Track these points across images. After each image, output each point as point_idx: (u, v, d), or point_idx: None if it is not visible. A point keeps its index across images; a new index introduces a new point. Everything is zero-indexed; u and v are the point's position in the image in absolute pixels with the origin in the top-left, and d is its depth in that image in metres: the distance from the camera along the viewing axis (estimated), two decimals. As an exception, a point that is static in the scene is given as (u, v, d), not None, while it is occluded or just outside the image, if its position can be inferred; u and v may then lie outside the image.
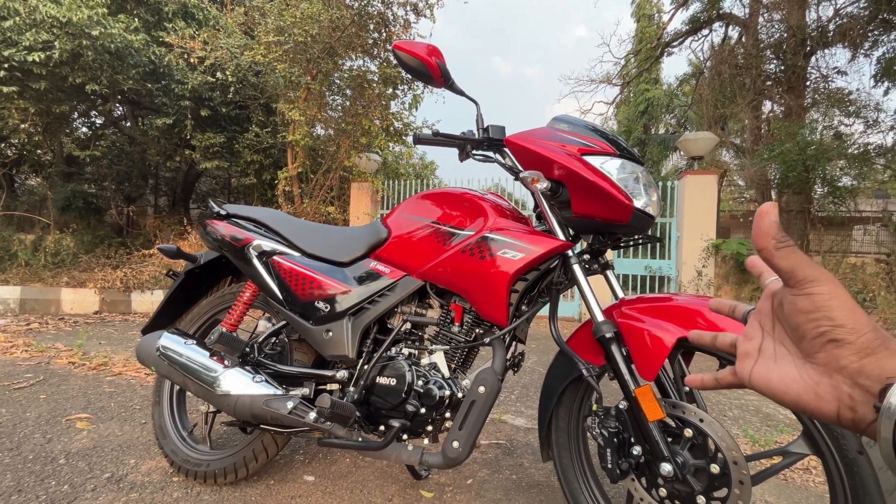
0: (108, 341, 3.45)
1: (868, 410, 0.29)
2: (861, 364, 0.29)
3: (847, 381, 0.29)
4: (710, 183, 5.18)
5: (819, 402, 0.31)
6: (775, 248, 0.31)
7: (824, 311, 0.30)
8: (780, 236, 0.32)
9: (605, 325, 0.99)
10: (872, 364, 0.28)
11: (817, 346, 0.30)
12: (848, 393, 0.29)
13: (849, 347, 0.29)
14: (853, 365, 0.29)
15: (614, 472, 0.95)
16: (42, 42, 4.90)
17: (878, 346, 0.28)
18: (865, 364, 0.28)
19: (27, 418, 1.84)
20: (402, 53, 1.11)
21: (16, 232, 6.38)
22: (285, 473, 1.48)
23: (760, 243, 0.32)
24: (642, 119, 14.02)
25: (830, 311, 0.30)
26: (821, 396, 0.30)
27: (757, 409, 2.33)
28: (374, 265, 1.25)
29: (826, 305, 0.30)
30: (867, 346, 0.29)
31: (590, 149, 1.03)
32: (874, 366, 0.28)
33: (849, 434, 0.76)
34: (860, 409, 0.29)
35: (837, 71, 8.16)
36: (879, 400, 0.28)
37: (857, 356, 0.29)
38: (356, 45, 5.83)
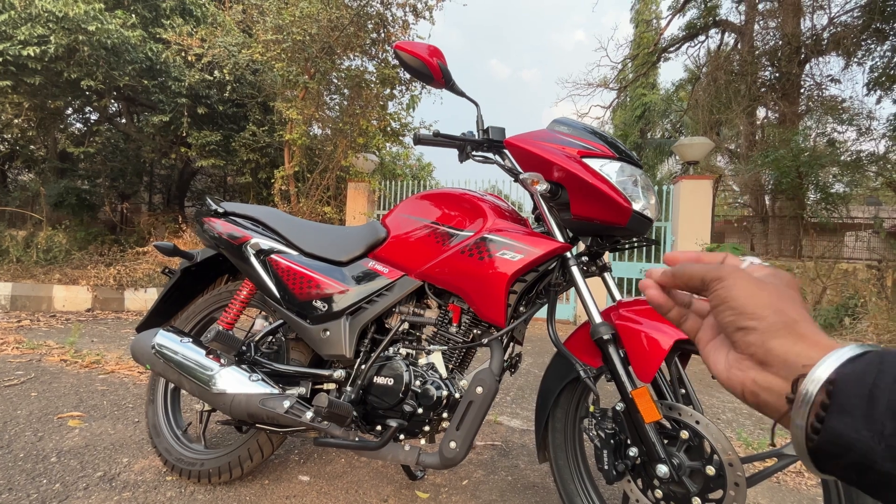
0: (101, 339, 3.41)
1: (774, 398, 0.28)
2: (766, 349, 0.28)
3: (755, 366, 0.29)
4: (704, 187, 5.22)
5: (730, 384, 0.31)
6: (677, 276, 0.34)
7: (727, 303, 0.30)
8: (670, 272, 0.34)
9: (603, 326, 1.00)
10: (777, 348, 0.28)
11: (731, 335, 0.31)
12: (753, 378, 0.29)
13: (754, 333, 0.29)
14: (759, 350, 0.29)
15: (611, 473, 0.95)
16: (37, 36, 4.86)
17: (780, 329, 0.28)
18: (770, 348, 0.28)
19: (18, 416, 1.82)
20: (404, 54, 1.11)
21: (7, 228, 6.31)
22: (280, 473, 1.47)
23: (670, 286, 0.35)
24: (639, 123, 14.10)
25: (732, 301, 0.30)
26: (731, 380, 0.31)
27: (750, 412, 2.35)
28: (373, 265, 1.25)
29: (727, 296, 0.30)
30: (770, 329, 0.28)
31: (589, 151, 1.04)
32: (779, 350, 0.28)
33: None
34: (763, 394, 0.29)
35: (831, 79, 8.27)
36: (791, 391, 0.27)
37: (761, 339, 0.29)
38: (355, 45, 5.83)
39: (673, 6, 9.75)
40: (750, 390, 0.30)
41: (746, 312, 0.30)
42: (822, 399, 0.25)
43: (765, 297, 0.30)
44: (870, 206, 9.93)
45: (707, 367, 0.34)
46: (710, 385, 2.85)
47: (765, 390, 0.29)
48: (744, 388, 0.30)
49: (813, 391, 0.25)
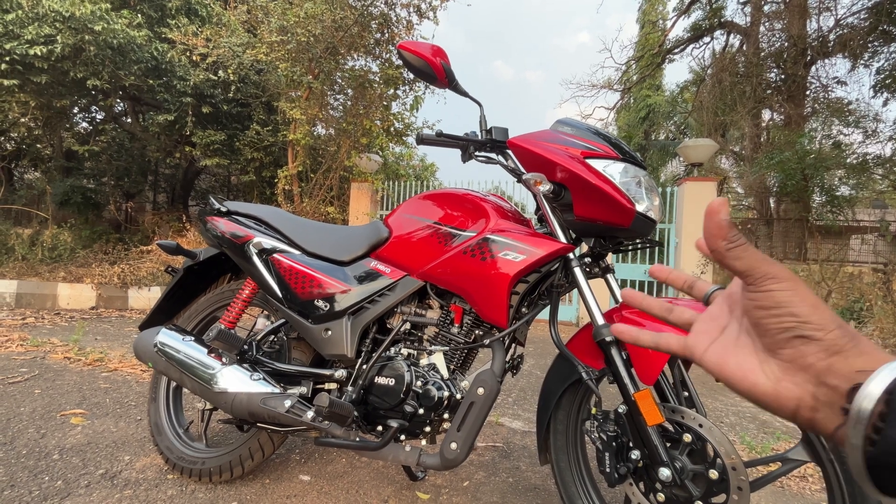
0: (105, 337, 3.43)
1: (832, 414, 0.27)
2: (829, 363, 0.27)
3: (812, 379, 0.27)
4: (709, 189, 5.19)
5: (777, 398, 0.29)
6: (727, 248, 0.30)
7: (787, 307, 0.28)
8: (731, 235, 0.30)
9: (606, 328, 0.99)
10: (841, 363, 0.26)
11: (782, 342, 0.28)
12: (812, 392, 0.27)
13: (816, 344, 0.27)
14: (820, 363, 0.27)
15: (612, 476, 0.95)
16: (44, 36, 4.89)
17: (846, 344, 0.27)
18: (834, 363, 0.26)
19: (21, 413, 1.83)
20: (407, 54, 1.11)
21: (13, 226, 6.35)
22: (281, 472, 1.47)
23: (712, 244, 0.31)
24: (643, 125, 14.07)
25: (793, 307, 0.28)
26: (780, 393, 0.29)
27: (754, 416, 2.33)
28: (375, 265, 1.25)
29: (788, 301, 0.28)
30: (835, 344, 0.27)
31: (593, 152, 1.04)
32: (843, 365, 0.26)
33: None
34: (823, 410, 0.27)
35: (837, 81, 8.22)
36: (847, 401, 0.25)
37: (824, 354, 0.27)
38: (359, 46, 5.84)
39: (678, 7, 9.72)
40: (808, 406, 0.28)
41: (811, 322, 0.27)
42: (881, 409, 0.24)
43: (828, 310, 0.28)
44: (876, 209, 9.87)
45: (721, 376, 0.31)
46: (714, 388, 2.83)
47: (825, 405, 0.27)
48: (800, 403, 0.28)
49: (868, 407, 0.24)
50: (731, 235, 0.30)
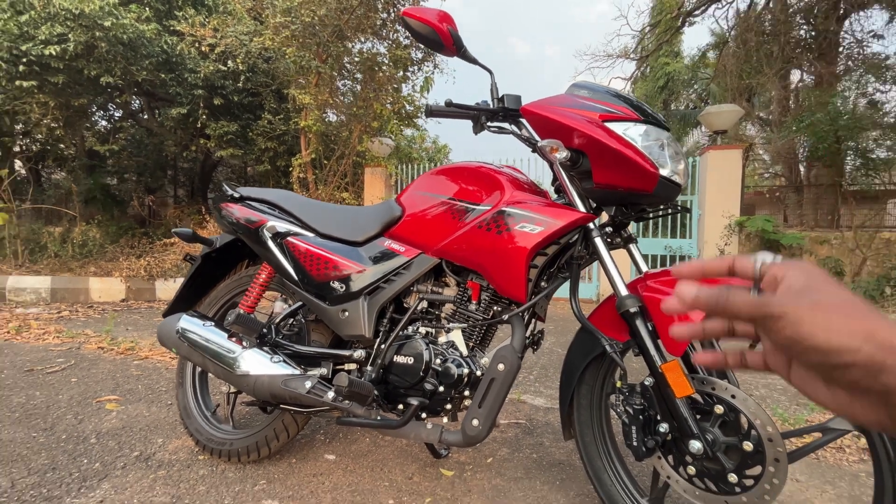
0: (135, 327, 3.55)
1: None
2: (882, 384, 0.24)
3: (881, 400, 0.25)
4: (733, 158, 4.97)
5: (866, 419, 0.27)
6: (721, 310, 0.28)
7: (803, 343, 0.25)
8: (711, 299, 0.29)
9: (630, 299, 0.95)
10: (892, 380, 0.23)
11: (826, 374, 0.26)
12: (887, 414, 0.25)
13: (854, 370, 0.24)
14: (875, 387, 0.24)
15: (640, 449, 0.92)
16: (57, 35, 4.95)
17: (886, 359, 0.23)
18: (887, 382, 0.23)
19: (60, 400, 1.91)
20: (412, 21, 1.06)
21: (45, 225, 6.59)
22: (306, 452, 1.50)
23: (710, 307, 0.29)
24: (662, 94, 13.52)
25: (808, 341, 0.25)
26: (859, 417, 0.27)
27: (785, 387, 2.26)
28: (389, 244, 1.23)
29: (799, 338, 0.25)
30: (873, 363, 0.23)
31: (612, 115, 0.98)
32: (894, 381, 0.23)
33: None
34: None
35: (873, 35, 7.68)
36: None
37: (871, 376, 0.24)
38: (365, 27, 5.72)
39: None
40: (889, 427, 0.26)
41: (833, 350, 0.24)
42: None
43: (843, 323, 0.24)
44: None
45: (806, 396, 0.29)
46: (742, 361, 2.75)
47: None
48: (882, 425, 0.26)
49: None
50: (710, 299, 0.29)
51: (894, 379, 0.23)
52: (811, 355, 0.25)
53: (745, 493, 0.83)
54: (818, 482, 1.37)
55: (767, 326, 0.27)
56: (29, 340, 3.00)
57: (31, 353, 2.68)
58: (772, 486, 0.80)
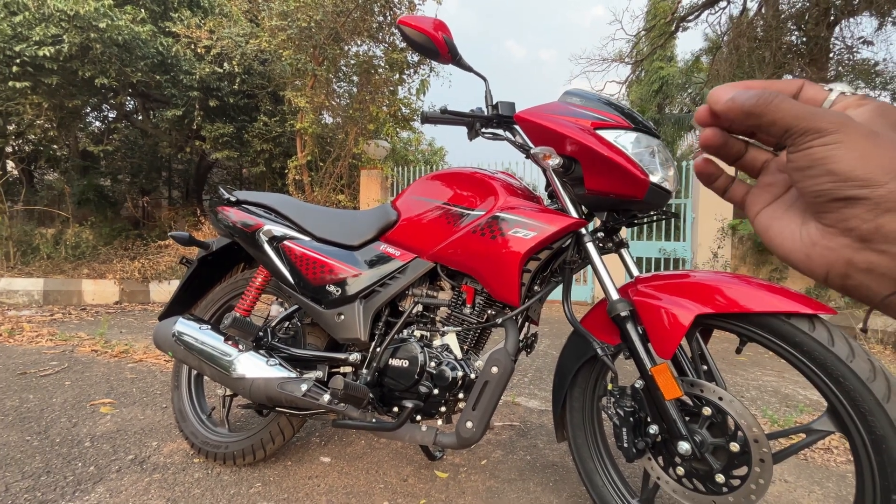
0: (129, 330, 3.53)
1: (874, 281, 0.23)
2: (877, 224, 0.23)
3: (853, 244, 0.24)
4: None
5: (809, 262, 0.26)
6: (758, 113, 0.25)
7: (827, 164, 0.23)
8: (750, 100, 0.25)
9: (621, 303, 0.97)
10: (891, 223, 0.22)
11: (822, 206, 0.25)
12: (846, 259, 0.24)
13: (861, 204, 0.23)
14: (865, 225, 0.23)
15: (630, 451, 0.94)
16: (51, 36, 4.93)
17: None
18: (883, 224, 0.22)
19: (54, 403, 1.90)
20: (408, 29, 1.08)
21: (37, 226, 6.54)
22: (302, 455, 1.50)
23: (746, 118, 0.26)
24: (656, 98, 13.64)
25: (834, 163, 0.23)
26: (811, 258, 0.26)
27: (776, 389, 2.29)
28: (385, 248, 1.24)
29: (825, 157, 0.23)
30: (887, 199, 0.22)
31: (603, 122, 1.00)
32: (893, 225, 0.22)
33: (877, 410, 0.73)
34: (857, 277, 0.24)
35: (863, 41, 7.80)
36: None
37: (871, 214, 0.23)
38: (361, 30, 5.75)
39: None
40: (840, 272, 0.24)
41: (854, 178, 0.23)
42: None
43: (882, 158, 0.22)
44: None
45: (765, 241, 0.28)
46: (734, 363, 2.79)
47: (863, 272, 0.24)
48: (830, 269, 0.25)
49: None
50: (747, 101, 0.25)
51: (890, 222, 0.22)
52: (824, 181, 0.24)
53: (732, 493, 0.85)
54: (806, 483, 1.39)
55: (802, 142, 0.24)
56: (21, 343, 2.98)
57: (24, 355, 2.66)
58: (757, 486, 0.82)
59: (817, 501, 1.29)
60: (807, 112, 0.24)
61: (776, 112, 0.25)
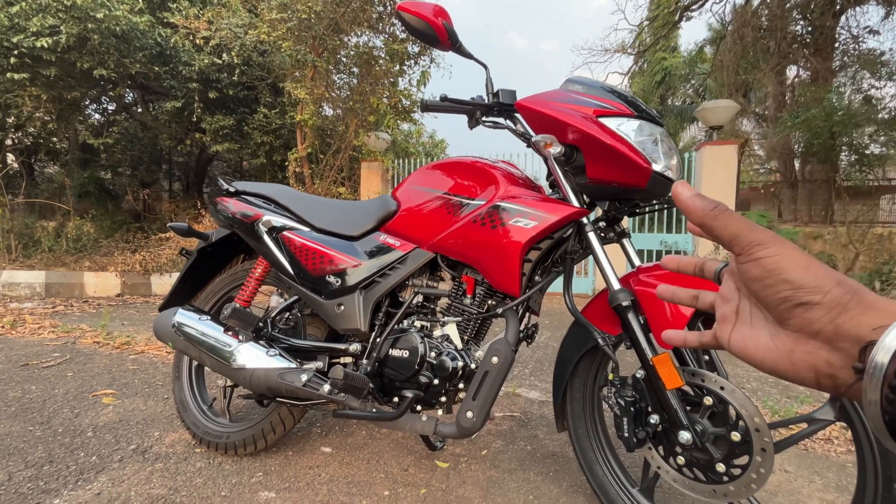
0: (131, 322, 3.55)
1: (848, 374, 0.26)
2: (835, 325, 0.25)
3: (825, 346, 0.26)
4: (729, 153, 5.00)
5: (795, 370, 0.28)
6: (713, 217, 0.29)
7: (778, 275, 0.27)
8: (706, 206, 0.30)
9: (622, 293, 0.96)
10: (848, 323, 0.25)
11: (784, 312, 0.27)
12: (826, 359, 0.26)
13: (818, 309, 0.26)
14: (827, 328, 0.26)
15: (631, 440, 0.94)
16: (49, 27, 4.89)
17: (849, 301, 0.25)
18: (841, 324, 0.25)
19: (56, 394, 1.91)
20: (407, 15, 1.06)
21: (38, 219, 6.54)
22: (303, 445, 1.51)
23: (696, 219, 0.30)
24: (659, 89, 13.53)
25: (784, 273, 0.26)
26: (796, 365, 0.28)
27: (777, 381, 2.29)
28: (384, 238, 1.23)
29: (778, 268, 0.27)
30: (838, 303, 0.25)
31: (606, 110, 0.98)
32: (851, 325, 0.25)
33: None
34: (840, 374, 0.26)
35: (869, 30, 7.69)
36: (860, 360, 0.24)
37: (829, 317, 0.25)
38: (361, 20, 5.69)
39: (696, -40, 9.14)
40: (826, 373, 0.27)
41: (806, 286, 0.26)
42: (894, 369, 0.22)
43: (821, 268, 0.26)
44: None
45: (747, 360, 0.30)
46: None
47: (843, 370, 0.26)
48: (817, 372, 0.27)
49: (884, 361, 0.23)
50: (708, 205, 0.30)
51: (849, 321, 0.25)
52: (782, 287, 0.27)
53: (733, 482, 0.85)
54: (806, 472, 1.40)
55: (750, 252, 0.28)
56: (24, 335, 3.00)
57: (27, 347, 2.67)
58: (758, 476, 0.82)
59: (818, 491, 1.30)
60: (748, 224, 0.29)
61: (728, 219, 0.29)
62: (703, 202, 0.30)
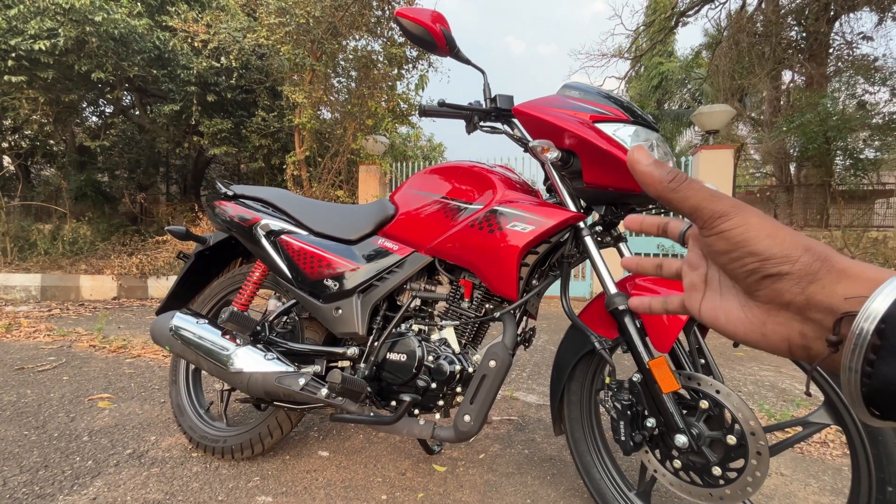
0: (127, 325, 3.53)
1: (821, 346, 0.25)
2: (806, 295, 0.24)
3: (796, 317, 0.25)
4: (725, 158, 5.03)
5: (768, 341, 0.27)
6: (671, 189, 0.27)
7: (744, 247, 0.25)
8: (665, 175, 0.28)
9: (619, 297, 0.97)
10: (820, 293, 0.24)
11: (753, 285, 0.26)
12: (798, 330, 0.25)
13: (787, 279, 0.25)
14: (798, 298, 0.25)
15: (627, 444, 0.94)
16: (47, 30, 4.89)
17: (819, 269, 0.24)
18: (812, 294, 0.24)
19: (51, 398, 1.90)
20: (406, 21, 1.07)
21: (34, 222, 6.51)
22: (300, 449, 1.51)
23: (654, 190, 0.28)
24: (655, 94, 13.61)
25: (750, 245, 0.25)
26: (768, 336, 0.27)
27: (773, 384, 2.30)
28: (382, 242, 1.24)
29: (743, 240, 0.25)
30: (807, 272, 0.24)
31: (602, 116, 0.99)
32: (822, 295, 0.24)
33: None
34: (814, 346, 0.25)
35: (863, 36, 7.78)
36: (833, 333, 0.23)
37: (799, 287, 0.24)
38: (360, 24, 5.72)
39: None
40: (799, 344, 0.26)
41: (774, 256, 0.25)
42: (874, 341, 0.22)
43: (785, 236, 0.25)
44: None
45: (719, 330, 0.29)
46: (731, 358, 2.80)
47: (817, 340, 0.25)
48: (791, 343, 0.26)
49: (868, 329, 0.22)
50: (666, 175, 0.28)
51: (820, 291, 0.24)
52: (748, 260, 0.26)
53: (729, 485, 0.85)
54: (802, 476, 1.40)
55: (713, 225, 0.26)
56: (19, 339, 2.98)
57: (22, 351, 2.66)
58: (754, 479, 0.82)
59: (813, 494, 1.30)
60: (709, 194, 0.27)
61: (688, 190, 0.27)
62: (660, 171, 0.28)
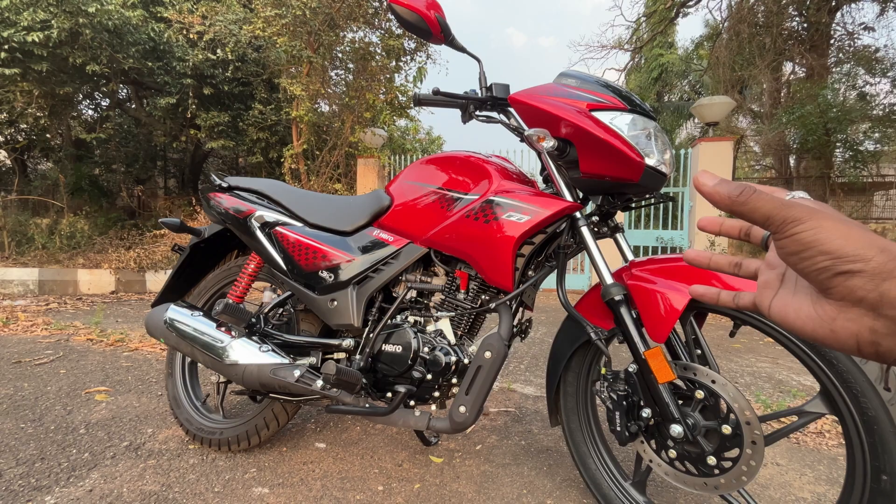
0: (125, 319, 3.53)
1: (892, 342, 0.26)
2: (880, 292, 0.25)
3: (868, 313, 0.26)
4: (725, 150, 5.01)
5: (836, 337, 0.28)
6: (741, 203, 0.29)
7: (817, 247, 0.26)
8: (732, 191, 0.29)
9: (615, 287, 0.96)
10: (894, 289, 0.25)
11: (825, 282, 0.27)
12: (869, 326, 0.26)
13: (860, 276, 0.25)
14: (871, 295, 0.25)
15: (623, 434, 0.94)
16: (40, 21, 4.83)
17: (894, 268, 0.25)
18: (886, 291, 0.25)
19: (48, 391, 1.90)
20: (399, 7, 1.05)
21: (31, 216, 6.49)
22: (297, 441, 1.51)
23: (724, 207, 0.30)
24: (655, 86, 13.53)
25: (822, 245, 0.26)
26: (837, 332, 0.28)
27: (770, 375, 2.31)
28: (378, 233, 1.23)
29: (815, 240, 0.26)
30: (882, 270, 0.25)
31: (599, 104, 0.98)
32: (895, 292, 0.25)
33: (869, 392, 0.73)
34: (884, 342, 0.26)
35: (864, 27, 7.72)
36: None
37: (872, 284, 0.25)
38: (357, 16, 5.65)
39: (692, -44, 9.12)
40: (868, 340, 0.27)
41: (846, 255, 0.26)
42: None
43: (860, 237, 0.26)
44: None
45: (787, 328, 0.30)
46: (728, 350, 2.80)
47: (887, 337, 0.26)
48: (860, 339, 0.27)
49: None
50: (734, 190, 0.29)
51: (892, 288, 0.25)
52: (819, 259, 0.26)
53: (724, 474, 0.85)
54: (798, 466, 1.41)
55: (785, 230, 0.27)
56: (17, 332, 2.97)
57: (19, 344, 2.66)
58: (749, 468, 0.82)
59: (809, 483, 1.31)
60: (780, 202, 0.28)
61: (757, 201, 0.28)
62: (727, 188, 0.29)
